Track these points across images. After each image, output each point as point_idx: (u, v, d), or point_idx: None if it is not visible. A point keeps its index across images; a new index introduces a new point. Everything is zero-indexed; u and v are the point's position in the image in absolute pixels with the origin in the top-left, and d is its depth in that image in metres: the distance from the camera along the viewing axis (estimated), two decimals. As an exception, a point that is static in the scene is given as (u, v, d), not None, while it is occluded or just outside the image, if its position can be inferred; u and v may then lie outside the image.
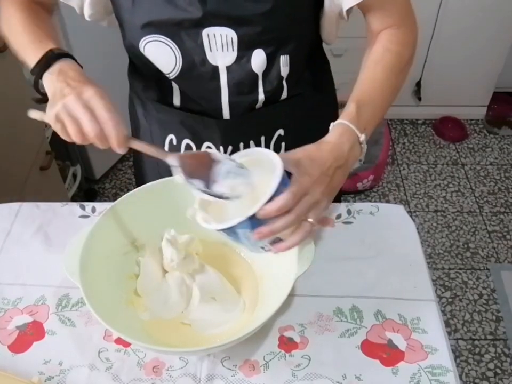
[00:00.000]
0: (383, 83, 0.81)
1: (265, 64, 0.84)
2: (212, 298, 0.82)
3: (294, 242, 0.68)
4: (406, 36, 0.85)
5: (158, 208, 0.86)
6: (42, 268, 0.91)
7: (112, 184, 2.33)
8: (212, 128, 0.91)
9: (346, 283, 0.86)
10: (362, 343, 0.80)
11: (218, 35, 0.80)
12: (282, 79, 0.88)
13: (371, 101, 0.79)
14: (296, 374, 0.76)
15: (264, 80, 0.86)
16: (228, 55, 0.83)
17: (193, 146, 0.95)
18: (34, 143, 1.70)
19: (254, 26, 0.79)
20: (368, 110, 0.77)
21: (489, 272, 2.01)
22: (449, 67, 2.43)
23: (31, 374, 0.76)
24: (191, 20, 0.79)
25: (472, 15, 2.26)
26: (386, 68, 0.81)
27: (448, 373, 0.76)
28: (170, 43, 0.81)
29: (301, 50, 0.87)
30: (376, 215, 0.97)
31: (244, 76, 0.85)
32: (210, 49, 0.82)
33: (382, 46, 0.84)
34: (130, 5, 0.81)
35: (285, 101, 0.91)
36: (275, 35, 0.82)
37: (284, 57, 0.85)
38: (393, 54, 0.83)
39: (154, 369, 0.78)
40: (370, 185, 2.30)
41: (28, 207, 1.01)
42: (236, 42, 0.81)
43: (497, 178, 2.38)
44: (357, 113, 0.75)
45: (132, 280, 0.85)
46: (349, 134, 0.73)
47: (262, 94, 0.88)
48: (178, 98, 0.91)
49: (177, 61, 0.83)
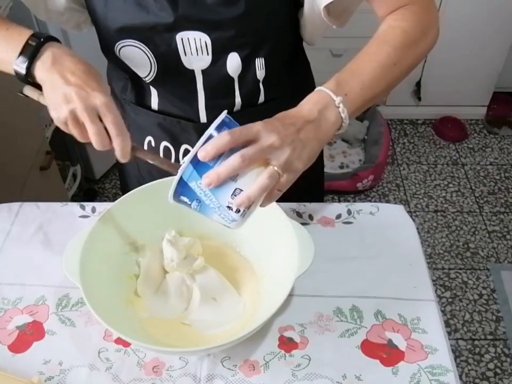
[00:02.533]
0: (375, 55, 0.73)
1: (240, 67, 0.84)
2: (212, 299, 0.82)
3: (254, 189, 0.61)
4: (416, 15, 0.77)
5: (158, 208, 0.86)
6: (42, 268, 0.91)
7: (112, 184, 2.33)
8: (189, 131, 0.91)
9: (346, 283, 0.86)
10: (362, 343, 0.79)
11: (192, 39, 0.80)
12: (259, 82, 0.88)
13: (356, 71, 0.72)
14: (296, 374, 0.76)
15: (240, 84, 0.86)
16: (202, 59, 0.82)
17: (171, 148, 0.96)
18: (34, 143, 1.70)
19: (227, 30, 0.79)
20: (352, 78, 0.71)
21: (489, 272, 2.01)
22: (449, 67, 2.43)
23: (31, 374, 0.76)
24: (163, 25, 0.78)
25: (472, 15, 2.26)
26: (382, 42, 0.75)
27: (448, 373, 0.76)
28: (144, 48, 0.81)
29: (277, 53, 0.86)
30: (376, 215, 0.97)
31: (219, 79, 0.85)
32: (185, 53, 0.82)
33: (385, 24, 0.77)
34: (103, 9, 0.80)
35: (262, 104, 0.91)
36: (249, 39, 0.81)
37: (259, 60, 0.84)
38: (395, 29, 0.75)
39: (154, 369, 0.78)
40: (370, 185, 2.30)
41: (28, 207, 1.01)
42: (210, 46, 0.81)
43: (497, 178, 2.38)
44: (336, 80, 0.69)
45: (132, 280, 0.85)
46: (322, 96, 0.68)
47: (238, 98, 0.88)
48: (156, 101, 0.91)
49: (152, 66, 0.83)
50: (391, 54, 0.73)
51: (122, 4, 0.79)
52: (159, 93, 0.89)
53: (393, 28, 0.75)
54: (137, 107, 0.94)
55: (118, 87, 0.95)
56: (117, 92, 0.96)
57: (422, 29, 0.77)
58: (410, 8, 0.77)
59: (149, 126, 0.94)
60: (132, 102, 0.94)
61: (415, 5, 0.77)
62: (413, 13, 0.76)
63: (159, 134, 0.94)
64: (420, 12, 0.77)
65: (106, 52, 0.87)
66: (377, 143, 2.32)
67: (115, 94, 0.97)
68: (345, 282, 0.86)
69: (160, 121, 0.92)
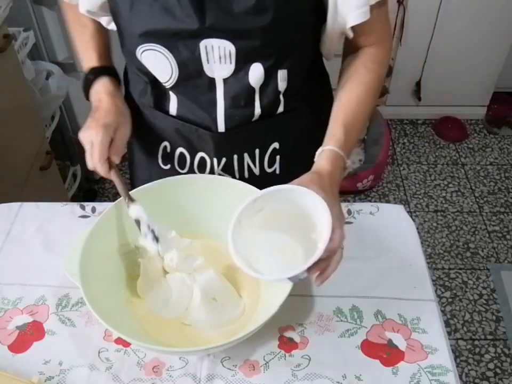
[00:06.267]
0: (365, 105, 0.85)
1: (263, 78, 0.83)
2: (213, 299, 0.82)
3: (334, 269, 0.71)
4: (384, 55, 0.89)
5: (158, 208, 0.86)
6: (42, 268, 0.91)
7: (112, 184, 2.30)
8: (206, 139, 0.91)
9: (346, 283, 0.86)
10: (362, 343, 0.80)
11: (216, 47, 0.79)
12: (280, 94, 0.87)
13: (356, 124, 0.83)
14: (296, 374, 0.76)
15: (261, 94, 0.86)
16: (225, 68, 0.82)
17: (187, 155, 0.95)
18: (34, 143, 1.71)
19: (252, 40, 0.78)
20: (353, 133, 0.82)
21: (489, 272, 2.01)
22: (449, 67, 2.43)
23: (31, 374, 0.76)
24: (188, 31, 0.78)
25: (472, 15, 2.26)
26: (368, 89, 0.86)
27: (448, 373, 0.76)
28: (167, 53, 0.80)
29: (299, 65, 0.87)
30: (376, 215, 0.97)
31: (240, 89, 0.84)
32: (208, 61, 0.81)
33: (363, 65, 0.87)
34: (128, 13, 0.80)
35: (281, 114, 0.91)
36: (274, 49, 0.81)
37: (282, 72, 0.84)
38: (374, 74, 0.86)
39: (154, 369, 0.78)
40: (370, 185, 2.30)
41: (28, 207, 1.01)
42: (233, 55, 0.80)
43: (497, 178, 2.38)
44: (345, 140, 0.79)
45: (132, 280, 0.85)
46: (340, 161, 0.78)
47: (258, 108, 0.87)
48: (174, 107, 0.90)
49: (173, 71, 0.83)
50: (372, 102, 0.87)
51: (148, 8, 0.78)
52: (178, 99, 0.89)
53: (372, 73, 0.87)
54: (156, 111, 0.93)
55: (136, 90, 0.95)
56: (135, 95, 0.96)
57: (386, 71, 0.90)
58: (382, 49, 0.88)
59: (166, 131, 0.94)
60: (150, 106, 0.93)
61: (384, 46, 0.89)
62: (383, 54, 0.89)
63: (176, 140, 0.94)
64: (385, 52, 0.89)
65: (128, 55, 0.87)
66: (377, 143, 2.32)
67: (132, 98, 0.96)
68: (345, 282, 0.86)
69: (178, 127, 0.92)
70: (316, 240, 0.69)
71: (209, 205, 0.88)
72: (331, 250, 0.67)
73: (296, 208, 0.71)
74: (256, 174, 0.95)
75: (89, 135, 0.82)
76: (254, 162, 0.94)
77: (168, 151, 0.96)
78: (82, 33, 0.96)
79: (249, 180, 0.91)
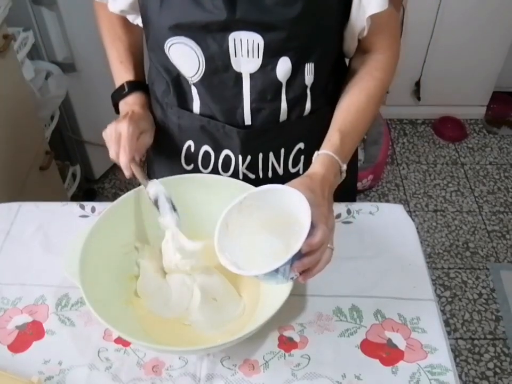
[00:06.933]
0: (365, 112, 0.86)
1: (290, 72, 0.83)
2: (213, 299, 0.82)
3: (321, 268, 0.71)
4: (390, 62, 0.90)
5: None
6: (42, 268, 0.91)
7: (112, 184, 2.33)
8: (232, 136, 0.90)
9: (346, 283, 0.87)
10: (361, 343, 0.80)
11: (245, 40, 0.80)
12: (307, 88, 0.88)
13: (353, 130, 0.84)
14: (296, 374, 0.76)
15: (288, 88, 0.86)
16: (252, 62, 0.82)
17: (211, 153, 0.95)
18: (33, 143, 1.70)
19: (280, 32, 0.79)
20: (350, 139, 0.83)
21: (489, 271, 2.01)
22: (449, 67, 2.43)
23: (30, 373, 0.76)
24: (218, 23, 0.78)
25: (472, 15, 2.26)
26: (370, 97, 0.87)
27: (447, 372, 0.76)
28: (195, 46, 0.81)
29: (326, 59, 0.87)
30: (375, 215, 0.97)
31: (267, 83, 0.84)
32: (235, 55, 0.81)
33: (367, 72, 0.88)
34: (158, 6, 0.80)
35: (308, 115, 0.91)
36: (301, 42, 0.81)
37: (309, 65, 0.84)
38: (378, 81, 0.88)
39: (154, 369, 0.78)
40: (369, 185, 2.30)
41: (28, 207, 1.01)
42: (262, 49, 0.80)
43: (497, 178, 2.38)
44: (341, 144, 0.81)
45: (132, 280, 0.85)
46: (334, 166, 0.79)
47: (284, 102, 0.87)
48: (198, 105, 0.90)
49: (200, 65, 0.83)
50: (374, 109, 0.88)
51: (179, 1, 0.79)
52: (202, 96, 0.89)
53: (376, 80, 0.87)
54: (181, 110, 0.93)
55: (159, 90, 0.95)
56: (158, 95, 0.96)
57: (392, 78, 0.91)
58: (389, 55, 0.89)
59: (191, 130, 0.94)
60: (174, 104, 0.93)
61: (392, 53, 0.90)
62: (389, 61, 0.89)
63: (201, 138, 0.94)
64: (392, 59, 0.90)
65: (154, 50, 0.88)
66: (376, 142, 2.32)
67: (156, 98, 0.97)
68: (344, 282, 0.87)
69: (203, 124, 0.92)
70: None
71: (209, 204, 0.88)
72: (312, 245, 0.66)
73: (284, 210, 0.72)
74: (280, 173, 0.96)
75: (119, 126, 0.85)
76: (279, 162, 0.95)
77: (192, 151, 0.96)
78: (118, 47, 0.99)
79: (272, 179, 0.92)
